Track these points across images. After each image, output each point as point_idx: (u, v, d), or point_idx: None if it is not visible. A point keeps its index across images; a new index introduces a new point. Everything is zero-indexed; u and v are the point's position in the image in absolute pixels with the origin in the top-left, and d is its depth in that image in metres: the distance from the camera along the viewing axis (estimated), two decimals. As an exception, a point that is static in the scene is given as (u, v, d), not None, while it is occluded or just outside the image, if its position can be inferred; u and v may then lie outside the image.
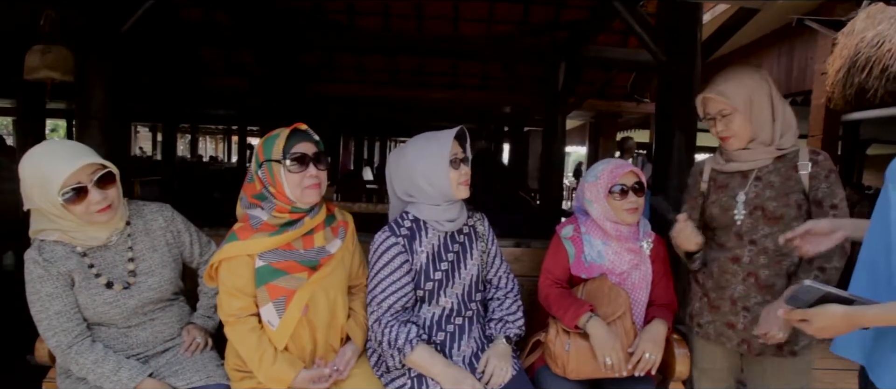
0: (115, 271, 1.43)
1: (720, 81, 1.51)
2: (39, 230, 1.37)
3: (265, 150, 1.44)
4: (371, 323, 1.50)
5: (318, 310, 1.47)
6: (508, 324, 1.61)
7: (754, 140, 1.51)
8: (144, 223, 1.51)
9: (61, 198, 1.27)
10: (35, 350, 1.54)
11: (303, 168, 1.42)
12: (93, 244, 1.40)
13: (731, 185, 1.55)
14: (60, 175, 1.26)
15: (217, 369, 1.51)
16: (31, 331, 1.71)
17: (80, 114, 2.25)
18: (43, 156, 1.31)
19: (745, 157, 1.52)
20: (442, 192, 1.50)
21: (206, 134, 19.85)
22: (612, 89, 6.51)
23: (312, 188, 1.43)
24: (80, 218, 1.33)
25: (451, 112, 8.53)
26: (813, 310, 1.00)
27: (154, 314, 1.49)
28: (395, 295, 1.49)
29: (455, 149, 1.51)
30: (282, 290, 1.42)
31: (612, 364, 1.49)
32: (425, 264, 1.53)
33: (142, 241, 1.49)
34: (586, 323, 1.52)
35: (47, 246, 1.36)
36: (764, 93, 1.48)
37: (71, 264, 1.37)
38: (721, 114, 1.49)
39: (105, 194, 1.33)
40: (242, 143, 10.50)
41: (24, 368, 2.31)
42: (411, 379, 1.49)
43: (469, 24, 5.28)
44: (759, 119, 1.48)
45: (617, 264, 1.66)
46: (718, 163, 1.59)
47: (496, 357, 1.52)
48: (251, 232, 1.43)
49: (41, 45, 2.38)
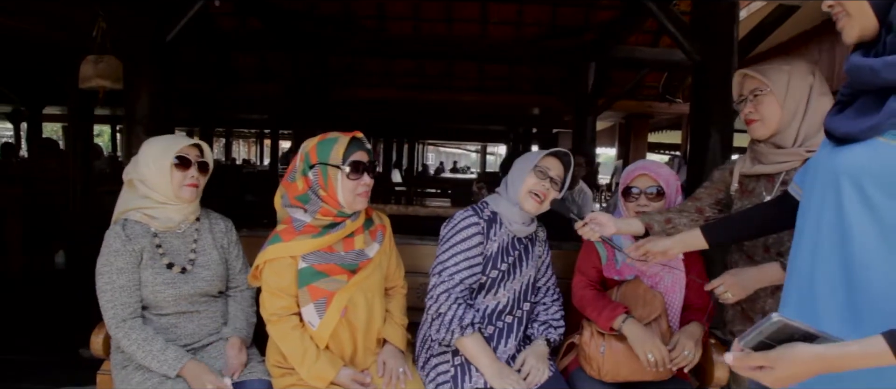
0: (179, 257, 1.56)
1: (763, 63, 1.44)
2: (125, 210, 1.54)
3: (320, 154, 1.48)
4: (438, 292, 1.52)
5: (357, 312, 1.51)
6: (551, 328, 1.65)
7: (778, 133, 1.40)
8: (209, 223, 1.66)
9: (174, 159, 1.50)
10: (90, 343, 1.62)
11: (359, 176, 1.48)
12: (167, 226, 1.55)
13: (757, 191, 1.45)
14: (180, 143, 1.54)
15: (258, 365, 1.57)
16: (83, 326, 1.81)
17: (128, 119, 2.37)
18: (166, 136, 1.63)
19: (773, 159, 1.42)
20: (513, 195, 1.60)
21: (239, 137, 20.41)
22: (643, 90, 6.40)
23: (363, 195, 1.50)
24: (174, 188, 1.52)
25: (479, 114, 8.55)
26: (776, 354, 0.77)
27: (201, 306, 1.57)
28: (468, 270, 1.54)
29: (547, 163, 1.58)
30: (323, 292, 1.47)
31: (655, 360, 1.46)
32: (495, 253, 1.58)
33: (205, 237, 1.63)
34: (622, 324, 1.51)
35: (130, 224, 1.52)
36: (804, 84, 1.38)
37: (144, 242, 1.51)
38: (753, 94, 1.40)
39: (198, 175, 1.57)
40: (274, 147, 10.75)
41: (78, 362, 2.45)
42: (454, 367, 1.53)
43: (498, 26, 5.29)
44: (790, 109, 1.38)
45: (649, 266, 1.64)
46: (745, 165, 1.50)
47: (534, 358, 1.55)
48: (294, 235, 1.48)
49: (94, 55, 2.51)
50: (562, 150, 1.62)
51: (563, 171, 1.61)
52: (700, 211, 1.55)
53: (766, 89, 1.39)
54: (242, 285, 1.69)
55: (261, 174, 10.63)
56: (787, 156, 1.40)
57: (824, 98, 1.39)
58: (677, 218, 1.53)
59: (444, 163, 24.40)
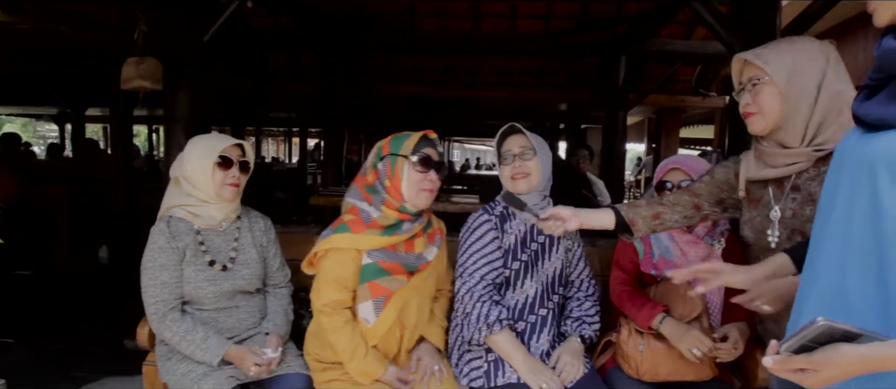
0: (220, 255, 1.60)
1: (766, 45, 1.24)
2: (170, 206, 1.59)
3: (393, 146, 1.52)
4: (462, 293, 1.54)
5: (409, 314, 1.52)
6: (585, 325, 1.62)
7: (780, 129, 1.21)
8: (250, 222, 1.70)
9: (217, 158, 1.54)
10: (136, 335, 1.68)
11: (425, 170, 1.49)
12: (209, 224, 1.59)
13: (765, 199, 1.28)
14: (223, 143, 1.58)
15: (296, 359, 1.60)
16: (128, 318, 1.89)
17: (167, 118, 2.44)
18: (211, 135, 1.69)
19: (778, 160, 1.23)
20: (507, 185, 1.60)
21: (268, 136, 20.81)
22: (676, 83, 6.24)
23: (427, 192, 1.50)
24: (215, 187, 1.55)
25: (507, 110, 8.49)
26: (820, 356, 0.73)
27: (240, 302, 1.61)
28: (487, 266, 1.54)
29: (506, 147, 1.59)
30: (383, 290, 1.47)
31: (701, 354, 1.41)
32: (513, 245, 1.59)
33: (245, 236, 1.66)
34: (660, 324, 1.48)
35: (174, 221, 1.56)
36: (813, 70, 1.17)
37: (187, 239, 1.55)
38: (751, 82, 1.22)
39: (240, 175, 1.60)
40: (303, 145, 10.92)
41: (123, 352, 2.55)
42: (488, 363, 1.52)
43: (526, 21, 5.23)
44: (794, 101, 1.18)
45: (685, 262, 1.60)
46: (750, 169, 1.30)
47: (568, 354, 1.53)
48: (363, 227, 1.47)
49: (135, 57, 2.60)
50: (507, 127, 1.59)
51: (525, 141, 1.56)
52: (697, 208, 1.41)
53: (765, 77, 1.20)
54: (281, 282, 1.73)
55: (289, 172, 10.83)
56: (793, 157, 1.22)
57: (841, 85, 1.19)
58: (668, 213, 1.40)
59: (469, 159, 24.38)
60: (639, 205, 1.41)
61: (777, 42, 1.25)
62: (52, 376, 2.73)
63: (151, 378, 1.69)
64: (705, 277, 1.13)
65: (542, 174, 1.57)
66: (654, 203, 1.41)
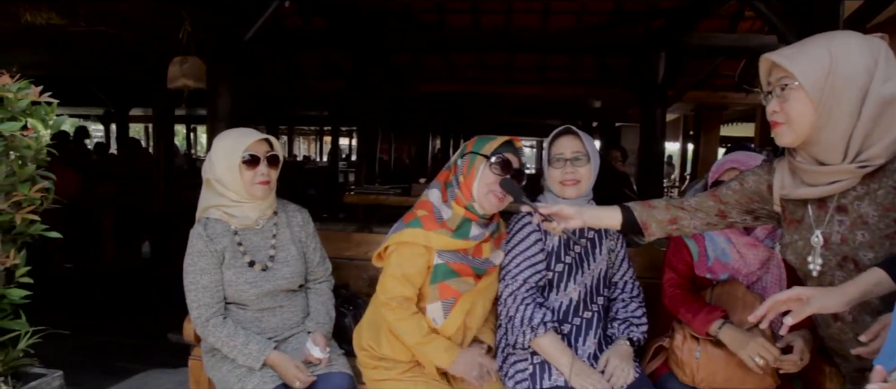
0: (259, 254, 1.57)
1: (797, 44, 1.05)
2: (206, 208, 1.57)
3: (476, 144, 1.51)
4: (505, 296, 1.52)
5: (474, 316, 1.52)
6: (632, 327, 1.56)
7: (814, 144, 1.03)
8: (287, 216, 1.67)
9: (244, 155, 1.50)
10: (183, 330, 1.71)
11: (502, 174, 1.44)
12: (246, 223, 1.56)
13: (806, 221, 1.12)
14: (247, 140, 1.52)
15: (339, 358, 1.59)
16: (171, 312, 1.93)
17: (211, 116, 2.48)
18: (234, 132, 1.60)
19: (816, 179, 1.05)
20: (552, 187, 1.57)
21: (299, 134, 21.18)
22: (717, 79, 6.01)
23: (494, 195, 1.44)
24: (245, 186, 1.52)
25: (539, 108, 8.37)
26: None
27: (283, 301, 1.60)
28: (530, 269, 1.52)
29: (558, 149, 1.54)
30: (453, 292, 1.46)
31: (764, 363, 1.33)
32: (556, 247, 1.55)
33: (283, 232, 1.63)
34: (718, 331, 1.40)
35: (211, 223, 1.54)
36: (856, 73, 0.97)
37: (225, 241, 1.53)
38: (781, 86, 1.03)
39: (269, 170, 1.55)
40: (335, 143, 11.06)
41: (167, 345, 2.62)
42: (534, 365, 1.49)
43: (559, 17, 5.13)
44: (829, 111, 0.98)
45: (743, 265, 1.52)
46: (785, 185, 1.13)
47: (617, 358, 1.48)
48: (435, 226, 1.45)
49: (180, 56, 2.67)
50: (562, 128, 1.54)
51: (579, 146, 1.51)
52: (723, 216, 1.25)
53: (794, 82, 1.00)
54: (322, 277, 1.71)
55: (321, 170, 10.98)
56: (833, 175, 1.03)
57: (891, 84, 0.98)
58: (688, 219, 1.26)
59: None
60: (655, 207, 1.28)
61: (811, 39, 1.04)
62: (99, 367, 2.82)
63: (197, 373, 1.72)
64: (792, 309, 0.99)
65: (592, 180, 1.54)
66: (673, 206, 1.28)
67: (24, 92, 1.18)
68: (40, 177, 1.23)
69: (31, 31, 2.86)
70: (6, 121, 1.15)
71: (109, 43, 3.53)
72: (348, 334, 1.71)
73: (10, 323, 1.23)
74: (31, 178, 1.20)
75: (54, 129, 1.28)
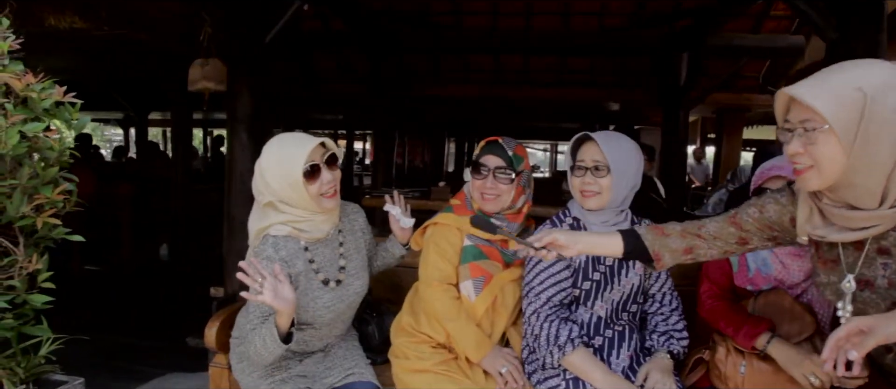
0: (330, 269, 1.44)
1: (819, 76, 0.93)
2: (267, 226, 1.37)
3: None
4: (528, 314, 1.47)
5: (505, 302, 1.55)
6: (673, 340, 1.49)
7: (846, 187, 0.92)
8: (349, 221, 1.55)
9: (304, 168, 1.31)
10: (204, 335, 1.67)
11: (482, 176, 1.53)
12: (318, 236, 1.41)
13: (842, 263, 1.03)
14: (303, 151, 1.32)
15: (365, 367, 1.55)
16: (188, 317, 1.90)
17: (231, 118, 2.46)
18: (282, 143, 1.38)
19: (849, 224, 0.95)
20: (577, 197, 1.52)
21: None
22: (740, 80, 5.88)
23: (487, 198, 1.51)
24: (314, 202, 1.35)
25: (556, 111, 8.28)
26: None
27: (347, 313, 1.52)
28: (554, 287, 1.46)
29: (579, 156, 1.49)
30: (482, 270, 1.51)
31: (820, 383, 1.25)
32: (584, 263, 1.48)
33: (349, 240, 1.52)
34: (766, 345, 1.32)
35: (281, 241, 1.36)
36: (895, 114, 0.86)
37: (299, 264, 1.38)
38: (804, 126, 0.92)
39: (333, 174, 1.38)
40: (350, 145, 11.08)
41: (185, 349, 2.60)
42: (566, 381, 1.42)
43: (579, 18, 5.06)
44: (862, 157, 0.88)
45: (786, 276, 1.44)
46: (813, 223, 1.02)
47: (658, 371, 1.41)
48: (465, 212, 1.56)
49: (201, 59, 2.66)
50: (581, 135, 1.48)
51: (599, 155, 1.41)
52: (743, 242, 1.16)
53: (824, 125, 0.89)
54: None
55: (337, 172, 10.96)
56: (867, 221, 0.93)
57: None
58: (704, 248, 1.17)
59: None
60: (669, 235, 1.19)
61: (835, 71, 0.92)
62: (119, 370, 2.81)
63: (217, 381, 1.68)
64: (855, 343, 0.90)
65: (619, 191, 1.43)
66: (689, 234, 1.18)
67: (47, 92, 1.16)
68: (63, 179, 1.20)
69: (54, 36, 2.88)
70: (30, 121, 1.13)
71: (130, 46, 3.55)
72: (372, 342, 1.68)
73: (32, 329, 1.20)
74: (53, 180, 1.17)
75: (77, 130, 1.25)
